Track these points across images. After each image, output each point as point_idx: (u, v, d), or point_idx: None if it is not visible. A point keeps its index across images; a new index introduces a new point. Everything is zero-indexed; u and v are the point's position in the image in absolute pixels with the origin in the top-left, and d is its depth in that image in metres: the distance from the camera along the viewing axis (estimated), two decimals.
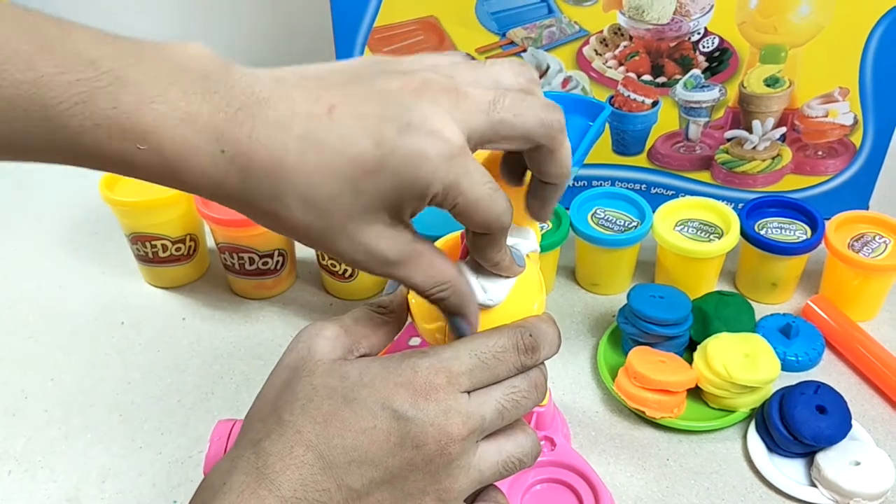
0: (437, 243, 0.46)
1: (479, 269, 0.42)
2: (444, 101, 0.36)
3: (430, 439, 0.37)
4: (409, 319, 0.45)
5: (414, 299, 0.44)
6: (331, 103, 0.35)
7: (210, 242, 0.83)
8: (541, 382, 0.41)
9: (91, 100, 0.33)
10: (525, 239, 0.44)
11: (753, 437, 0.65)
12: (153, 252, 0.79)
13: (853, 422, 0.64)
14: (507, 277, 0.42)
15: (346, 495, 0.36)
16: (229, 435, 0.54)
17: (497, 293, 0.42)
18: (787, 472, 0.63)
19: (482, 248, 0.40)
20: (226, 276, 0.81)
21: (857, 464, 0.60)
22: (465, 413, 0.38)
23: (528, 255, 0.44)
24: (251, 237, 0.76)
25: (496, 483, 0.42)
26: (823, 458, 0.61)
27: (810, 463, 0.63)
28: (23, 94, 0.32)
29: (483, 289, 0.42)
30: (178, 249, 0.80)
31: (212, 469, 0.38)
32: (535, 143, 0.38)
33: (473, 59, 0.41)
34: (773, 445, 0.64)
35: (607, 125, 0.84)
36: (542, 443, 0.55)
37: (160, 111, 0.33)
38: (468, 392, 0.39)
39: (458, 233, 0.46)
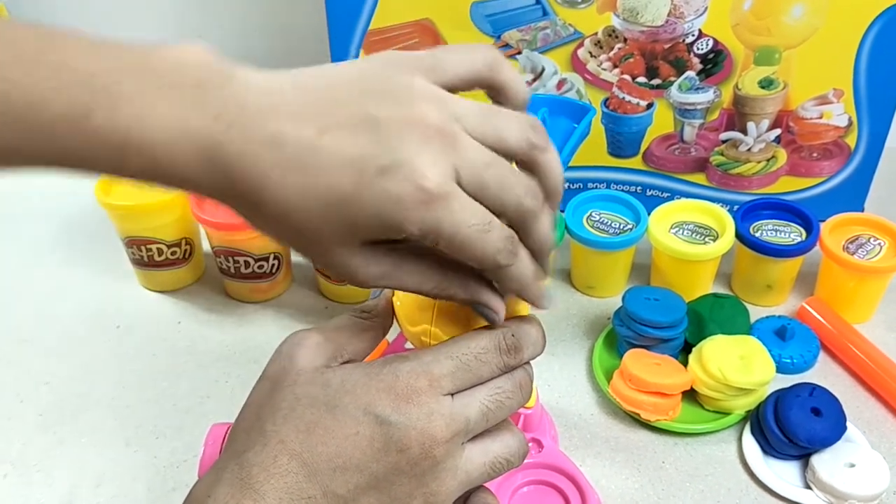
0: None
1: None
2: (435, 144, 0.35)
3: (413, 443, 0.37)
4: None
5: (398, 301, 0.44)
6: (320, 128, 0.35)
7: (205, 246, 0.83)
8: (526, 383, 0.41)
9: (86, 116, 0.33)
10: None
11: (748, 439, 0.65)
12: (148, 256, 0.79)
13: (848, 424, 0.64)
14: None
15: (331, 502, 0.36)
16: (224, 439, 0.54)
17: None
18: (782, 474, 0.63)
19: (498, 280, 0.40)
20: (221, 280, 0.81)
21: (852, 466, 0.60)
22: (449, 415, 0.38)
23: None
24: (247, 241, 0.75)
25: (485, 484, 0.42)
26: (818, 461, 0.61)
27: (805, 465, 0.63)
28: (18, 109, 0.33)
29: None
30: (173, 253, 0.80)
31: (197, 482, 0.38)
32: (508, 219, 0.38)
33: (495, 60, 0.39)
34: (768, 448, 0.64)
35: (602, 127, 0.84)
36: (530, 444, 0.55)
37: (155, 125, 0.34)
38: (451, 395, 0.39)
39: None
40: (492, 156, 0.37)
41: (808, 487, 0.61)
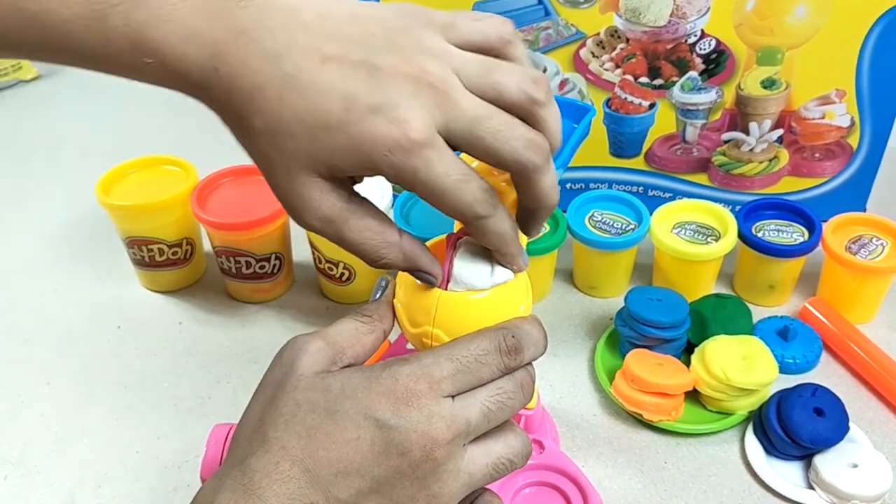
0: (427, 244, 0.46)
1: (486, 258, 0.42)
2: (426, 96, 0.36)
3: (414, 446, 0.37)
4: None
5: (399, 303, 0.44)
6: (325, 56, 0.37)
7: (206, 246, 0.83)
8: (527, 383, 0.41)
9: (105, 17, 0.36)
10: None
11: (751, 439, 0.65)
12: (149, 256, 0.79)
13: (851, 424, 0.64)
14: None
15: None
16: (226, 439, 0.54)
17: (504, 273, 0.42)
18: (784, 474, 0.63)
19: (477, 234, 0.41)
20: (222, 280, 0.81)
21: (855, 466, 0.60)
22: (449, 417, 0.38)
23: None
24: (248, 241, 0.75)
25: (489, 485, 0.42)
26: (821, 461, 0.61)
27: (808, 466, 0.63)
28: (42, 10, 0.36)
29: (491, 273, 0.42)
30: (174, 253, 0.80)
31: (200, 488, 0.38)
32: (509, 172, 0.39)
33: (507, 33, 0.40)
34: (771, 448, 0.64)
35: (604, 128, 0.84)
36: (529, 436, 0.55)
37: (167, 29, 0.36)
38: (452, 396, 0.39)
39: (443, 236, 0.46)
40: (488, 109, 0.37)
41: (811, 488, 0.61)
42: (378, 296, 0.45)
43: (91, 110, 1.15)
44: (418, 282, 0.43)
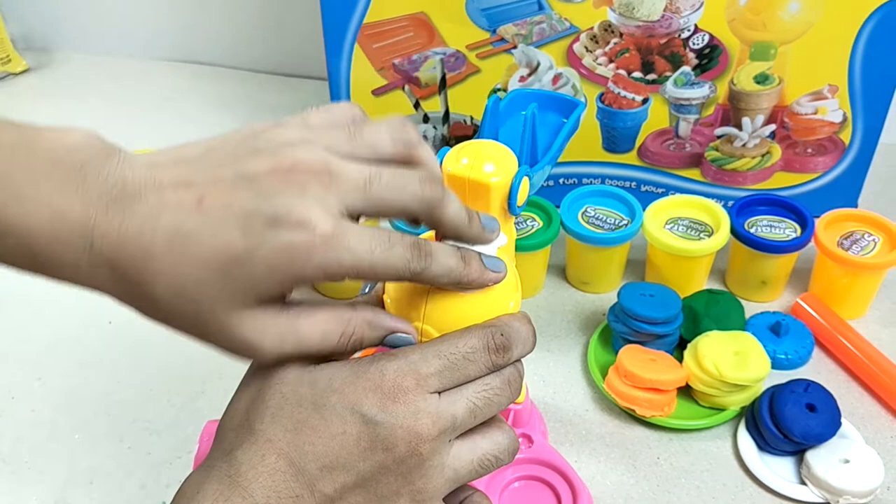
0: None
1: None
2: (314, 187, 0.35)
3: (399, 441, 0.37)
4: None
5: (388, 298, 0.44)
6: (200, 194, 0.35)
7: None
8: (514, 379, 0.41)
9: None
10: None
11: (744, 435, 0.65)
12: None
13: (843, 419, 0.64)
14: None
15: (319, 500, 0.36)
16: None
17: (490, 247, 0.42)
18: (777, 470, 0.63)
19: (426, 281, 0.40)
20: None
21: (847, 462, 0.61)
22: (435, 412, 0.38)
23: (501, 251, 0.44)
24: None
25: (475, 482, 0.42)
26: (813, 456, 0.62)
27: (800, 461, 0.63)
28: None
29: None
30: None
31: (186, 479, 0.38)
32: (417, 216, 0.39)
33: (359, 113, 0.40)
34: (763, 443, 0.64)
35: (597, 122, 0.84)
36: (520, 440, 0.55)
37: (29, 208, 0.34)
38: (439, 393, 0.39)
39: (432, 231, 0.45)
40: (372, 169, 0.37)
41: (803, 483, 0.62)
42: (367, 290, 0.45)
43: (81, 104, 1.14)
44: None
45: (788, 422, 0.62)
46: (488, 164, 0.51)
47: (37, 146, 0.35)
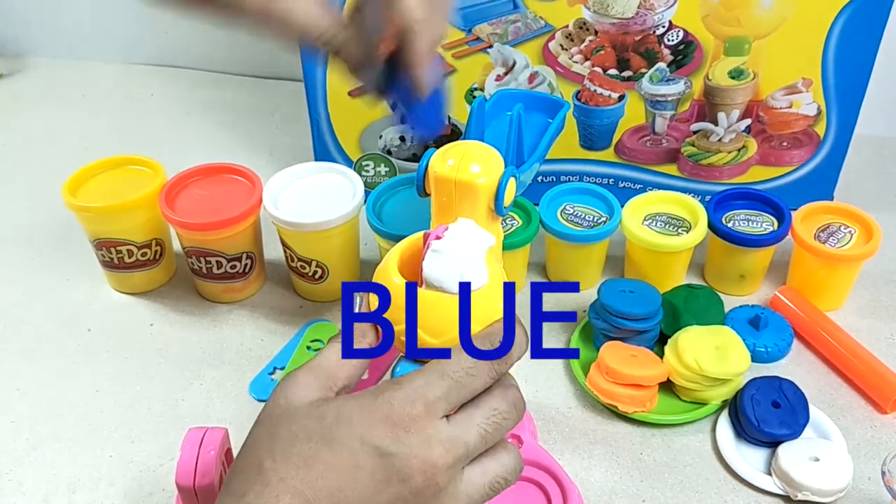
0: (402, 243, 0.45)
1: (454, 262, 0.42)
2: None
3: (415, 472, 0.37)
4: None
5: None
6: None
7: (176, 246, 0.82)
8: (519, 401, 0.42)
9: None
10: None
11: (723, 428, 0.66)
12: (118, 258, 0.78)
13: (825, 417, 0.65)
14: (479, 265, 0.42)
15: None
16: (201, 442, 0.54)
17: (478, 278, 0.42)
18: (750, 459, 0.63)
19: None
20: (193, 281, 0.80)
21: (817, 460, 0.61)
22: (448, 440, 0.38)
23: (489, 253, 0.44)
24: (218, 241, 0.75)
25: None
26: (784, 450, 0.62)
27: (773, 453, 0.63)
28: None
29: (461, 277, 0.42)
30: (143, 254, 0.79)
31: None
32: None
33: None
34: (744, 435, 0.64)
35: (574, 120, 0.84)
36: (510, 441, 0.55)
37: None
38: (447, 416, 0.39)
39: (420, 233, 0.45)
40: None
41: (769, 474, 0.62)
42: (357, 306, 0.45)
43: (57, 110, 1.13)
44: (395, 280, 0.43)
45: (759, 421, 0.63)
46: (475, 165, 0.51)
47: None
